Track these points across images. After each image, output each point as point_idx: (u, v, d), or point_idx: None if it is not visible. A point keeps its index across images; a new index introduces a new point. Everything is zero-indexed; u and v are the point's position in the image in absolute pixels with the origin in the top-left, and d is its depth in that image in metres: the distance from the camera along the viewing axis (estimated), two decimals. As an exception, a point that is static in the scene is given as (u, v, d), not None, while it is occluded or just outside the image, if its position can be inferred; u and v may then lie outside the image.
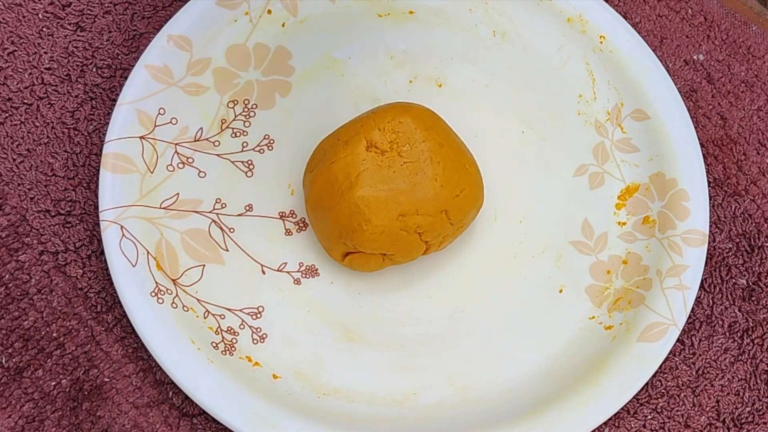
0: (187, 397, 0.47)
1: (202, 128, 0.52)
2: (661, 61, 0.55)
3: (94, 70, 0.53)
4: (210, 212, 0.51)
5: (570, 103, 0.55)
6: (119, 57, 0.54)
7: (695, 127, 0.54)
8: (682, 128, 0.53)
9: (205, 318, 0.48)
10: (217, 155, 0.52)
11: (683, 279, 0.49)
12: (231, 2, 0.53)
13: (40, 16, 0.54)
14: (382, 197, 0.47)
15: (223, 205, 0.51)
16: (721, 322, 0.51)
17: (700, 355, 0.50)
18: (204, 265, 0.49)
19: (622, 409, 0.48)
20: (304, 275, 0.50)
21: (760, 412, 0.49)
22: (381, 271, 0.50)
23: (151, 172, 0.50)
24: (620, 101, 0.54)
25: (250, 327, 0.49)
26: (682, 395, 0.49)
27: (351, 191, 0.47)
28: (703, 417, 0.49)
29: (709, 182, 0.53)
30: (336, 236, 0.48)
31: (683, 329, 0.50)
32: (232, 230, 0.51)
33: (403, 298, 0.50)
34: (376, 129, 0.48)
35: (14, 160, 0.51)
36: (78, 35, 0.54)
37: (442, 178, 0.48)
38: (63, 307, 0.49)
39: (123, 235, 0.48)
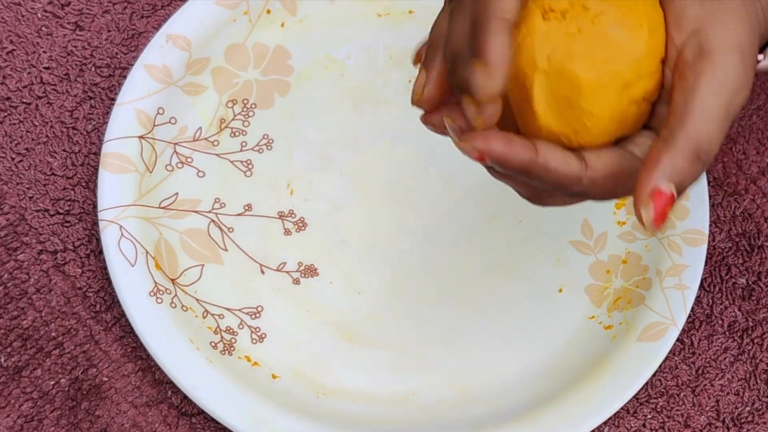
0: (185, 396, 0.47)
1: (201, 128, 0.52)
2: (660, 61, 0.55)
3: (93, 69, 0.53)
4: (209, 212, 0.51)
5: (569, 103, 0.55)
6: (118, 56, 0.54)
7: (695, 127, 0.54)
8: (681, 128, 0.53)
9: (204, 318, 0.48)
10: (216, 155, 0.52)
11: (683, 278, 0.49)
12: (230, 2, 0.53)
13: (39, 15, 0.54)
14: (593, 76, 0.35)
15: (222, 205, 0.51)
16: (720, 322, 0.51)
17: (699, 354, 0.50)
18: (203, 265, 0.49)
19: (621, 408, 0.48)
20: (303, 275, 0.50)
21: (760, 412, 0.49)
22: (380, 271, 0.50)
23: (150, 172, 0.50)
24: (620, 101, 0.54)
25: (249, 327, 0.49)
26: (682, 395, 0.49)
27: None
28: (703, 417, 0.49)
29: (708, 182, 0.53)
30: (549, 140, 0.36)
31: (683, 329, 0.50)
32: (231, 230, 0.51)
33: (404, 298, 0.50)
34: None
35: (13, 159, 0.51)
36: (77, 34, 0.54)
37: (648, 21, 0.36)
38: (62, 306, 0.48)
39: (122, 234, 0.48)
